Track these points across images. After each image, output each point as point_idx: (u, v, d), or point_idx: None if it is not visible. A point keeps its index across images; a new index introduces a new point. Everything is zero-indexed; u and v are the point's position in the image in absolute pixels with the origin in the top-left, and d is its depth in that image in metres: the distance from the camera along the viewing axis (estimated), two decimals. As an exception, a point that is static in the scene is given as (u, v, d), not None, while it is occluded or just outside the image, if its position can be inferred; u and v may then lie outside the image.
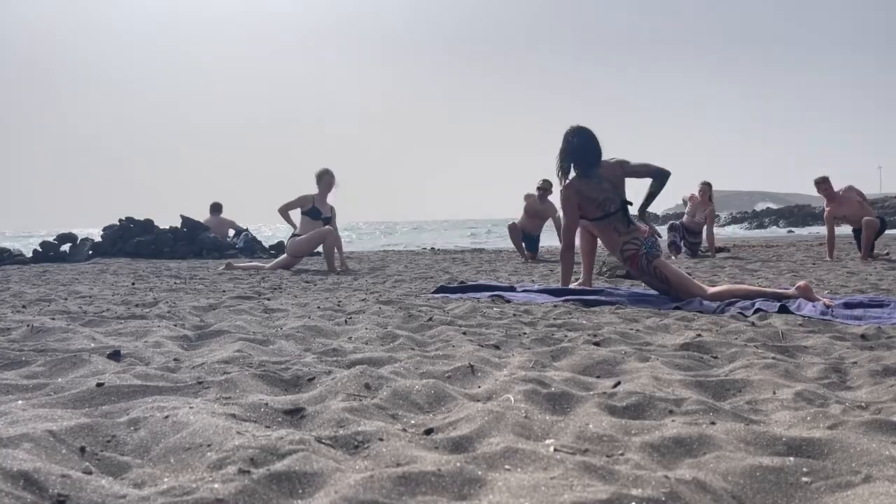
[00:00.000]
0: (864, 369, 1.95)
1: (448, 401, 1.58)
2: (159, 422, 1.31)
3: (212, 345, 2.38)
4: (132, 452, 1.22)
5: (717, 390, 1.75)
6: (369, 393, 1.62)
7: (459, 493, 1.01)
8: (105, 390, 1.59)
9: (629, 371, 1.95)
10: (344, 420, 1.37)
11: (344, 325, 2.89)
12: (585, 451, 1.21)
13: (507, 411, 1.40)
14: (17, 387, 1.66)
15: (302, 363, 1.99)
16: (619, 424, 1.36)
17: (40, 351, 2.15)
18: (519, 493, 0.98)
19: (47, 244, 9.66)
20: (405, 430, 1.33)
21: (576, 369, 2.00)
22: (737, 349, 2.28)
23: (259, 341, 2.40)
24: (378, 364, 2.00)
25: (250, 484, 1.00)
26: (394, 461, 1.14)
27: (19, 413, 1.36)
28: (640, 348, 2.33)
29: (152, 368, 1.90)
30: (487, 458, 1.15)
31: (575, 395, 1.62)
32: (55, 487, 0.98)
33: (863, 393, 1.74)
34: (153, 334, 2.50)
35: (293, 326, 2.75)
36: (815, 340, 2.47)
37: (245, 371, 1.82)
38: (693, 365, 2.06)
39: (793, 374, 1.90)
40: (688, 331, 2.73)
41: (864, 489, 1.02)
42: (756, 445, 1.25)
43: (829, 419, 1.41)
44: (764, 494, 1.06)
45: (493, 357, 2.12)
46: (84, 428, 1.28)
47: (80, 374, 1.81)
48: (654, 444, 1.24)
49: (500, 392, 1.64)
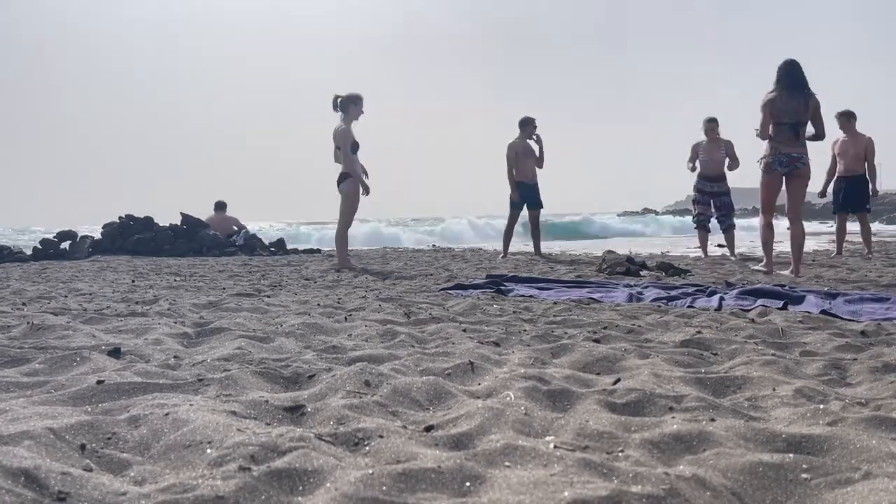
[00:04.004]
0: (863, 366, 1.95)
1: (448, 398, 1.58)
2: (159, 419, 1.31)
3: (212, 342, 2.38)
4: (132, 450, 1.22)
5: (717, 387, 1.75)
6: (369, 390, 1.62)
7: (460, 489, 1.01)
8: (105, 388, 1.59)
9: (629, 368, 1.95)
10: (344, 417, 1.37)
11: (344, 323, 2.89)
12: (585, 447, 1.21)
13: (507, 408, 1.40)
14: (17, 384, 1.66)
15: (302, 360, 2.00)
16: (619, 421, 1.36)
17: (40, 348, 2.15)
18: (519, 489, 0.98)
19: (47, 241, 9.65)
20: (405, 427, 1.33)
21: (576, 366, 2.00)
22: (737, 346, 2.28)
23: (259, 338, 2.40)
24: (378, 361, 2.00)
25: (251, 481, 1.00)
26: (394, 458, 1.14)
27: (20, 410, 1.36)
28: (640, 345, 2.33)
29: (152, 366, 1.90)
30: (487, 455, 1.15)
31: (575, 392, 1.62)
32: (56, 485, 0.98)
33: (862, 389, 1.74)
34: (153, 332, 2.51)
35: (293, 324, 2.75)
36: (814, 337, 2.47)
37: (245, 368, 1.82)
38: (693, 362, 2.06)
39: (792, 371, 1.90)
40: (688, 328, 2.73)
41: (863, 485, 1.02)
42: (756, 442, 1.25)
43: (828, 416, 1.41)
44: (764, 491, 1.06)
45: (493, 354, 2.12)
46: (84, 425, 1.28)
47: (80, 371, 1.81)
48: (654, 441, 1.24)
49: (500, 389, 1.64)
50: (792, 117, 5.13)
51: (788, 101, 5.14)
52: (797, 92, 5.15)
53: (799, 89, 5.16)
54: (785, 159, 5.16)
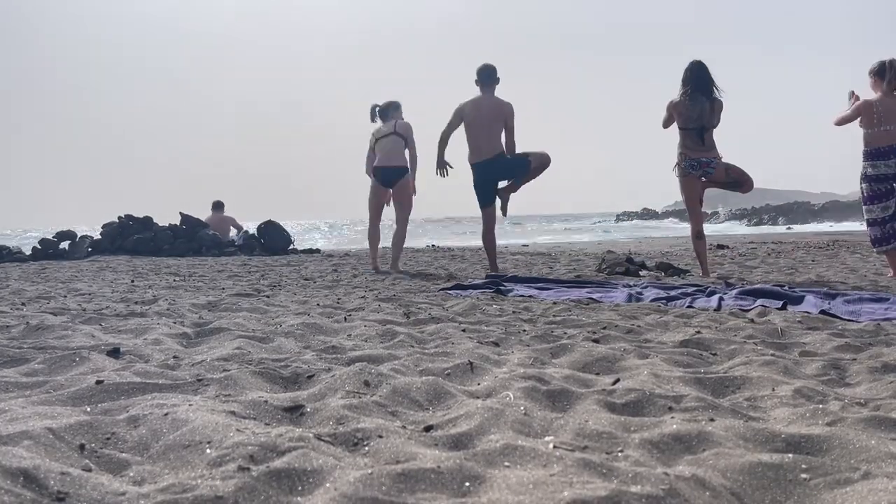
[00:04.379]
0: (863, 366, 1.95)
1: (447, 398, 1.58)
2: (159, 419, 1.31)
3: (211, 342, 2.38)
4: (132, 450, 1.22)
5: (717, 387, 1.75)
6: (369, 390, 1.62)
7: (459, 489, 1.01)
8: (104, 388, 1.59)
9: (628, 368, 1.95)
10: (343, 417, 1.37)
11: (343, 323, 2.89)
12: (585, 447, 1.21)
13: (507, 408, 1.40)
14: (16, 384, 1.66)
15: (301, 360, 1.99)
16: (618, 421, 1.36)
17: (40, 348, 2.15)
18: (518, 489, 0.98)
19: (46, 242, 9.65)
20: (405, 428, 1.33)
21: (575, 366, 2.00)
22: (736, 346, 2.28)
23: (258, 339, 2.40)
24: (377, 361, 2.00)
25: (250, 481, 1.00)
26: (393, 458, 1.14)
27: (19, 410, 1.36)
28: (639, 345, 2.33)
29: (152, 366, 1.90)
30: (487, 455, 1.15)
31: (574, 392, 1.62)
32: (55, 485, 0.98)
33: (862, 390, 1.74)
34: (153, 332, 2.50)
35: (293, 324, 2.75)
36: (814, 337, 2.47)
37: (244, 368, 1.82)
38: (692, 362, 2.06)
39: (792, 371, 1.90)
40: (687, 328, 2.73)
41: (862, 486, 1.02)
42: (755, 442, 1.25)
43: (828, 416, 1.41)
44: (763, 491, 1.06)
45: (492, 354, 2.12)
46: (83, 425, 1.28)
47: (79, 371, 1.81)
48: (653, 441, 1.24)
49: (499, 389, 1.64)
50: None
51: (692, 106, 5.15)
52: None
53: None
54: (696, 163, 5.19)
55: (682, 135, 5.19)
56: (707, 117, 5.13)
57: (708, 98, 5.14)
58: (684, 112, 5.14)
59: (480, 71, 5.68)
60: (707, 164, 5.16)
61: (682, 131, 5.19)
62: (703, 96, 5.13)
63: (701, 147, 5.15)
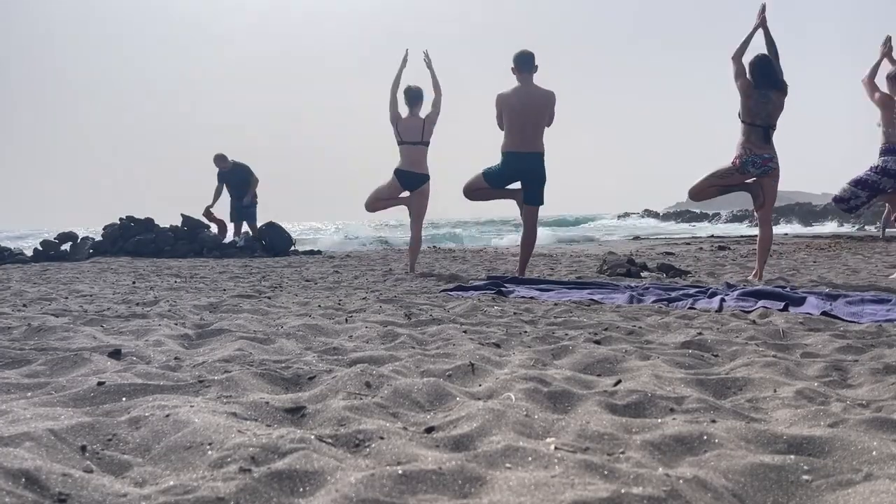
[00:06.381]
0: (865, 367, 1.95)
1: (449, 399, 1.58)
2: (160, 420, 1.31)
3: (213, 343, 2.38)
4: (133, 451, 1.22)
5: (718, 388, 1.75)
6: (370, 391, 1.62)
7: (460, 491, 1.01)
8: (106, 389, 1.59)
9: (630, 369, 1.95)
10: (345, 418, 1.37)
11: (345, 324, 2.89)
12: (586, 449, 1.21)
13: (508, 410, 1.40)
14: (17, 385, 1.66)
15: (303, 362, 1.99)
16: (619, 423, 1.36)
17: (41, 350, 2.15)
18: (520, 491, 0.98)
19: (48, 243, 9.67)
20: (406, 429, 1.33)
21: (576, 368, 2.00)
22: (738, 347, 2.28)
23: (260, 340, 2.40)
24: (379, 363, 2.00)
25: (251, 482, 1.00)
26: (395, 460, 1.14)
27: (20, 412, 1.36)
28: (640, 346, 2.33)
29: (153, 367, 1.90)
30: (488, 457, 1.15)
31: (576, 393, 1.62)
32: (56, 486, 0.98)
33: (864, 391, 1.74)
34: (154, 333, 2.51)
35: (294, 325, 2.75)
36: (815, 338, 2.47)
37: (246, 370, 1.82)
38: (694, 363, 2.06)
39: (793, 373, 1.90)
40: (689, 329, 2.73)
41: (864, 487, 1.02)
42: (757, 444, 1.25)
43: (829, 417, 1.41)
44: (765, 493, 1.06)
45: (493, 355, 2.12)
46: (85, 427, 1.28)
47: (80, 372, 1.81)
48: (654, 443, 1.24)
49: (500, 390, 1.64)
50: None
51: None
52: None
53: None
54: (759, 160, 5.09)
55: (748, 129, 5.07)
56: (774, 116, 5.05)
57: (775, 89, 5.02)
58: (754, 107, 5.04)
59: (518, 57, 5.32)
60: (769, 160, 5.04)
61: (748, 126, 5.07)
62: (771, 92, 5.02)
63: (766, 145, 5.06)
